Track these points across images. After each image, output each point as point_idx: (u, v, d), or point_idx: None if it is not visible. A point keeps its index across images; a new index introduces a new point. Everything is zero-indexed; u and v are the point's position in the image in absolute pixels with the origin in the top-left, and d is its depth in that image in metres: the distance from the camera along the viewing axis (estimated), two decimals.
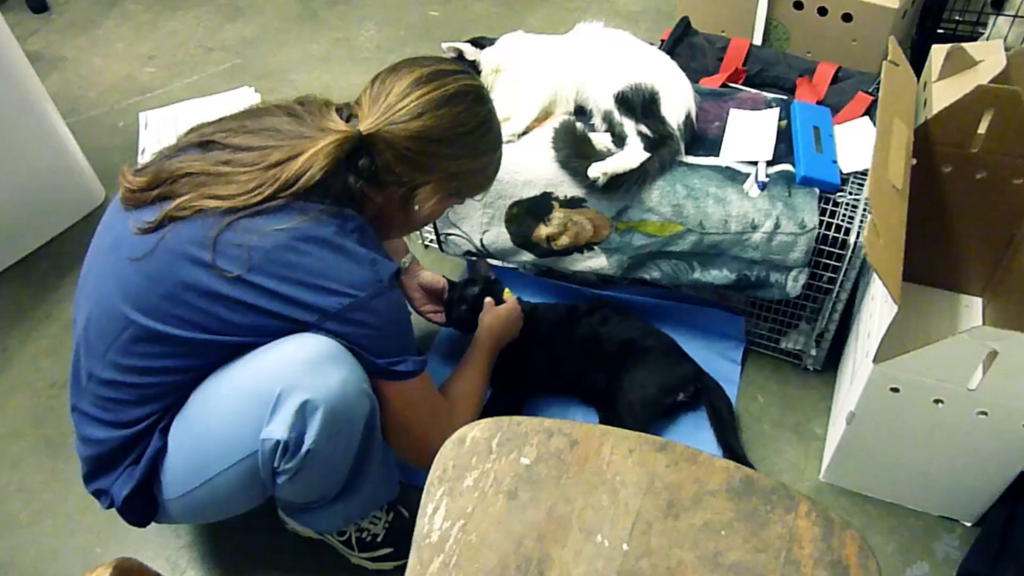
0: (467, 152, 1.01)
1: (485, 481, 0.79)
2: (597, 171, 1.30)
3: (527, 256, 1.48)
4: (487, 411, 1.27)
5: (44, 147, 1.77)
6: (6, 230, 1.74)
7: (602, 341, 1.39)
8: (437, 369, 1.42)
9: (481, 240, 1.49)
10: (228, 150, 0.92)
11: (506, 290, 1.43)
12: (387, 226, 1.05)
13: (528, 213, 1.41)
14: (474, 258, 1.53)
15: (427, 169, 0.98)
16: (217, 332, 0.89)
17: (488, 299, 1.35)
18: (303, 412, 0.88)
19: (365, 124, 0.94)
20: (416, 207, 1.02)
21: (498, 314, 1.31)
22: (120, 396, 0.93)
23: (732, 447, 1.30)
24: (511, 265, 1.58)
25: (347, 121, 0.96)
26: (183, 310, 0.88)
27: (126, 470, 0.96)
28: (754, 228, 1.28)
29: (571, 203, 1.38)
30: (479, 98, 1.01)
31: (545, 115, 1.45)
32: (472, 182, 1.08)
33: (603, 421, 1.35)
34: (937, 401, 1.09)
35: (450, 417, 1.07)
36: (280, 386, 0.87)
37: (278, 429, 0.88)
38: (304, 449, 0.89)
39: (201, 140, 0.95)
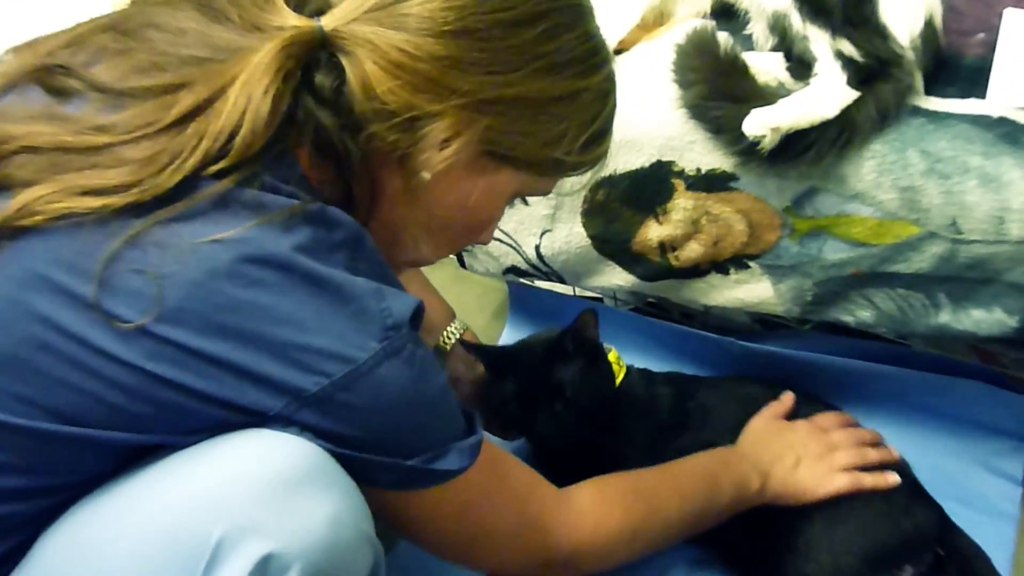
0: (523, 60, 0.92)
1: None
2: (760, 124, 1.20)
3: (622, 278, 1.40)
4: None
5: None
6: None
7: None
8: None
9: (537, 248, 1.45)
10: (98, 94, 0.87)
11: (611, 351, 1.38)
12: (393, 237, 1.01)
13: (627, 199, 1.35)
14: (521, 279, 1.53)
15: (440, 89, 0.90)
16: (97, 424, 0.83)
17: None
18: (263, 574, 0.81)
19: (332, 16, 0.89)
20: (421, 172, 0.94)
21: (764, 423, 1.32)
22: None
23: None
24: (592, 294, 1.59)
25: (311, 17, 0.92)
26: (34, 384, 0.82)
27: None
28: None
29: (708, 182, 1.30)
30: None
31: (658, 19, 1.38)
32: (545, 130, 0.96)
33: None
34: None
35: (559, 500, 1.10)
36: (221, 528, 0.81)
37: None
38: None
39: (41, 67, 0.90)
